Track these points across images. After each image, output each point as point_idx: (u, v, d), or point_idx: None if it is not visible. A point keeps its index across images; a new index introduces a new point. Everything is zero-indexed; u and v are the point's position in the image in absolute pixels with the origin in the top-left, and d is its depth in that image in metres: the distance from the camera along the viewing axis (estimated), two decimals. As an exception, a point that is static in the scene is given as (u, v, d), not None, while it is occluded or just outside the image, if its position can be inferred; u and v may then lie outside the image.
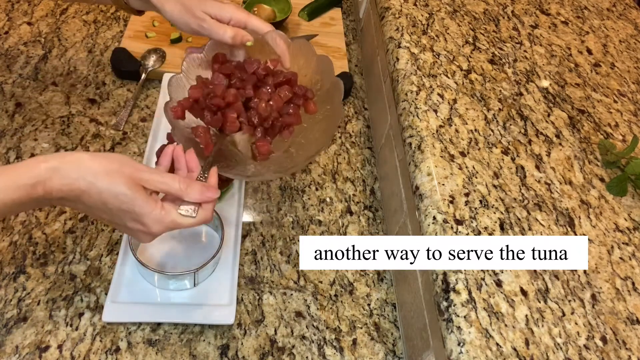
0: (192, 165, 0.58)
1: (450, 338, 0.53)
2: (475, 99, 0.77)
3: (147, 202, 0.51)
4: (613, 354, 0.53)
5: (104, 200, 0.50)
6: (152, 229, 0.53)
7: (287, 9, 1.08)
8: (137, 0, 0.72)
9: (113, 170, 0.50)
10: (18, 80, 0.91)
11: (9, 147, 0.81)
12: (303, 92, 0.70)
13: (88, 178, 0.49)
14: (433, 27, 0.88)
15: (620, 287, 0.59)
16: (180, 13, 0.67)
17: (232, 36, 0.67)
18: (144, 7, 0.73)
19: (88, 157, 0.50)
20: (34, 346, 0.63)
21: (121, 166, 0.51)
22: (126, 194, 0.50)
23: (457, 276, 0.56)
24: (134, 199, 0.51)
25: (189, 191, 0.53)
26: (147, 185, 0.52)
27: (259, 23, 0.69)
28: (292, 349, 0.68)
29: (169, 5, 0.67)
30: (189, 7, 0.67)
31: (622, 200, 0.69)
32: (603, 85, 0.85)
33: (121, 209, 0.51)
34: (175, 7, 0.67)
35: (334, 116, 0.71)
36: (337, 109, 0.71)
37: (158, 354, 0.65)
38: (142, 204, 0.51)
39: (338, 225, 0.82)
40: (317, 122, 0.72)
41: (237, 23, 0.69)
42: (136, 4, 0.72)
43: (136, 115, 0.90)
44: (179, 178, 0.54)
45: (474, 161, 0.68)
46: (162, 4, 0.67)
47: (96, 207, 0.51)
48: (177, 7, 0.67)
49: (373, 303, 0.74)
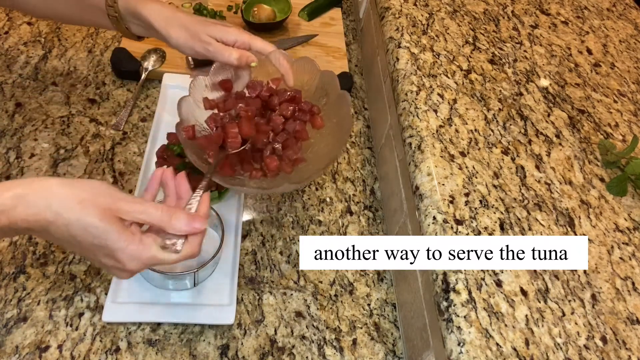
0: (182, 190, 0.55)
1: (450, 338, 0.53)
2: (475, 99, 0.77)
3: (121, 236, 0.47)
4: (613, 354, 0.53)
5: (72, 233, 0.46)
6: (128, 265, 0.48)
7: (287, 9, 1.08)
8: (139, 27, 0.71)
9: (84, 200, 0.46)
10: (18, 80, 0.91)
11: (9, 147, 0.81)
12: (309, 108, 0.71)
13: (54, 207, 0.45)
14: (433, 27, 0.88)
15: (620, 287, 0.59)
16: (185, 39, 0.67)
17: (238, 58, 0.67)
18: (147, 33, 0.72)
19: (57, 183, 0.46)
20: (34, 346, 0.63)
21: (95, 195, 0.46)
22: (97, 226, 0.46)
23: (457, 276, 0.56)
24: (106, 232, 0.46)
25: (173, 222, 0.49)
26: (126, 216, 0.48)
27: (263, 44, 0.70)
28: (292, 349, 0.68)
29: (174, 32, 0.67)
30: (195, 32, 0.67)
31: (622, 200, 0.69)
32: (603, 85, 0.85)
33: (92, 243, 0.47)
34: (180, 33, 0.67)
35: (342, 129, 0.71)
36: (346, 121, 0.71)
37: (158, 354, 0.65)
38: (115, 238, 0.47)
39: (338, 225, 0.82)
40: (325, 136, 0.72)
41: (241, 45, 0.69)
42: (138, 30, 0.72)
43: (136, 115, 0.90)
44: (162, 207, 0.50)
45: (474, 161, 0.68)
46: (167, 31, 0.67)
47: (65, 240, 0.47)
48: (182, 34, 0.67)
49: (373, 303, 0.74)
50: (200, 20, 0.68)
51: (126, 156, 0.84)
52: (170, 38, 0.68)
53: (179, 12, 0.68)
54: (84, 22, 0.87)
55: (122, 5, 0.68)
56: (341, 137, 0.70)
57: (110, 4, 0.68)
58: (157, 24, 0.67)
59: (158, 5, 0.68)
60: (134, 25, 0.71)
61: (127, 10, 0.69)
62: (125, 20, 0.70)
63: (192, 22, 0.68)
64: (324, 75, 0.74)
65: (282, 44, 1.06)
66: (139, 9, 0.68)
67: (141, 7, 0.68)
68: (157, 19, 0.67)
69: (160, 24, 0.67)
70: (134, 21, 0.70)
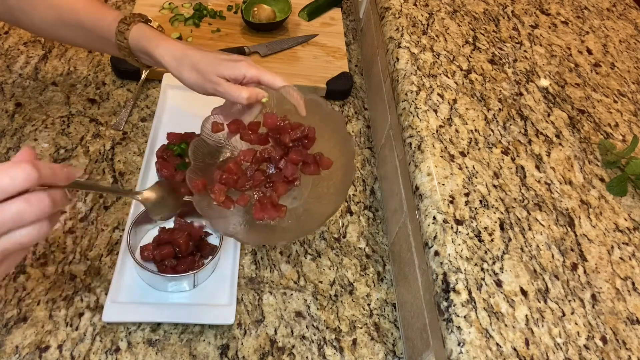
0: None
1: (450, 338, 0.53)
2: (475, 99, 0.77)
3: None
4: (613, 354, 0.53)
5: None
6: None
7: (287, 9, 1.08)
8: (149, 61, 0.72)
9: None
10: (18, 80, 0.91)
11: (9, 147, 0.81)
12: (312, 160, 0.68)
13: None
14: (433, 27, 0.88)
15: (620, 287, 0.59)
16: (196, 80, 0.68)
17: (248, 97, 0.67)
18: (156, 66, 0.73)
19: None
20: (34, 346, 0.63)
21: None
22: None
23: (457, 276, 0.56)
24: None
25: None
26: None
27: (271, 78, 0.69)
28: (292, 349, 0.68)
29: (186, 74, 0.68)
30: (204, 73, 0.67)
31: (622, 200, 0.69)
32: (603, 85, 0.85)
33: None
34: (191, 74, 0.67)
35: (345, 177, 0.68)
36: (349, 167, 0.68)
37: (158, 354, 0.65)
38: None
39: (338, 225, 0.82)
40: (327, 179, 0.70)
41: (250, 80, 0.69)
42: (148, 62, 0.73)
43: (136, 115, 0.90)
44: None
45: (474, 161, 0.68)
46: (179, 72, 0.68)
47: None
48: (193, 75, 0.67)
49: (373, 303, 0.74)
50: (210, 59, 0.68)
51: (126, 156, 0.84)
52: (182, 80, 0.69)
53: (188, 51, 0.68)
54: (92, 49, 0.87)
55: (132, 43, 0.69)
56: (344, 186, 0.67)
57: (121, 39, 0.69)
58: (168, 65, 0.68)
59: (168, 45, 0.68)
60: (143, 59, 0.72)
61: (137, 48, 0.69)
62: (135, 54, 0.71)
63: (201, 61, 0.67)
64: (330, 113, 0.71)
65: (282, 44, 1.06)
66: (150, 49, 0.68)
67: (152, 48, 0.68)
68: (168, 60, 0.68)
69: (171, 65, 0.68)
70: (144, 57, 0.71)
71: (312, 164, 0.68)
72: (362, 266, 0.78)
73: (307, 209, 0.68)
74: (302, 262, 0.76)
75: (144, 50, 0.69)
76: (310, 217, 0.66)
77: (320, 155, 0.68)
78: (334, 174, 0.69)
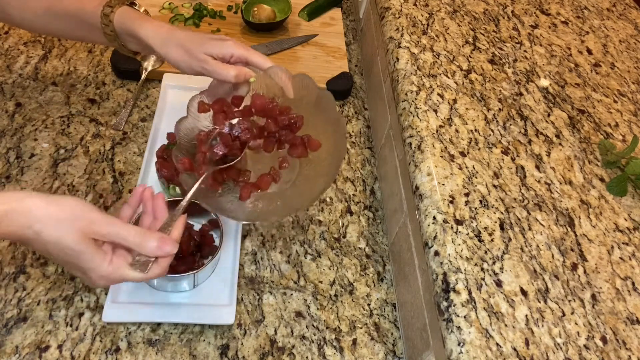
0: (158, 212, 0.57)
1: (450, 338, 0.53)
2: (475, 99, 0.77)
3: (94, 257, 0.50)
4: (613, 354, 0.53)
5: (49, 251, 0.50)
6: (96, 282, 0.52)
7: (287, 9, 1.08)
8: (135, 45, 0.72)
9: (63, 220, 0.49)
10: (18, 80, 0.91)
11: (9, 147, 0.81)
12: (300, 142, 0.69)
13: (35, 228, 0.48)
14: (433, 27, 0.88)
15: (620, 287, 0.59)
16: (183, 57, 0.68)
17: (235, 75, 0.67)
18: (144, 51, 0.74)
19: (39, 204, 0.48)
20: (34, 346, 0.63)
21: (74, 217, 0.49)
22: (73, 248, 0.49)
23: (457, 276, 0.56)
24: (80, 253, 0.49)
25: (144, 245, 0.52)
26: (100, 238, 0.51)
27: (260, 59, 0.70)
28: (292, 349, 0.68)
29: (171, 52, 0.68)
30: (191, 51, 0.67)
31: (622, 200, 0.69)
32: (603, 85, 0.85)
33: (66, 261, 0.50)
34: (178, 52, 0.68)
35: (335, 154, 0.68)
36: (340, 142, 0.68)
37: (158, 354, 0.65)
38: (88, 259, 0.50)
39: (338, 225, 0.82)
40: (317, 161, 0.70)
41: (238, 59, 0.69)
42: (134, 47, 0.73)
43: (136, 115, 0.90)
44: (135, 229, 0.52)
45: (474, 161, 0.68)
46: (165, 51, 0.68)
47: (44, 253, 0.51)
48: (179, 52, 0.68)
49: (373, 303, 0.74)
50: (197, 37, 0.68)
51: (126, 156, 0.84)
52: (168, 58, 0.68)
53: (174, 31, 0.68)
54: (80, 39, 0.87)
55: (117, 25, 0.69)
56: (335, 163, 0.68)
57: (106, 22, 0.69)
58: (154, 44, 0.68)
59: (154, 25, 0.68)
60: (130, 43, 0.72)
61: (122, 30, 0.69)
62: (121, 38, 0.71)
63: (188, 40, 0.68)
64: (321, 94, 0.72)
65: (282, 44, 1.06)
66: (135, 29, 0.68)
67: (137, 28, 0.68)
68: (154, 39, 0.68)
69: (157, 44, 0.68)
70: (130, 39, 0.71)
71: (300, 145, 0.69)
72: (362, 266, 0.78)
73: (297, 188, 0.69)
74: (302, 262, 0.76)
75: (129, 32, 0.69)
76: (299, 196, 0.68)
77: (308, 137, 0.69)
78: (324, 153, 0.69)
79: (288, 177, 0.71)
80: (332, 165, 0.67)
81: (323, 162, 0.69)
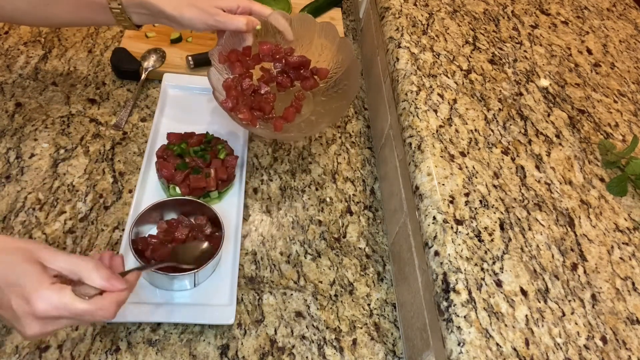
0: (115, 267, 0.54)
1: (450, 338, 0.53)
2: (475, 99, 0.77)
3: (39, 277, 0.46)
4: (613, 354, 0.53)
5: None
6: (36, 306, 0.46)
7: (287, 9, 1.08)
8: (143, 16, 0.74)
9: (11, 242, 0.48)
10: (18, 80, 0.91)
11: (9, 147, 0.81)
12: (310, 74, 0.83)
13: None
14: (433, 27, 0.88)
15: (620, 287, 0.59)
16: (197, 15, 0.72)
17: (246, 23, 0.74)
18: (151, 21, 0.76)
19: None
20: (34, 346, 0.63)
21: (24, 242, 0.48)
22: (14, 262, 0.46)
23: (457, 276, 0.56)
24: (25, 270, 0.46)
25: (92, 273, 0.48)
26: (48, 264, 0.48)
27: (261, 7, 0.78)
28: (292, 349, 0.68)
29: (186, 12, 0.72)
30: (202, 7, 0.72)
31: (622, 200, 0.69)
32: (603, 85, 0.85)
33: (7, 280, 0.46)
34: (191, 11, 0.72)
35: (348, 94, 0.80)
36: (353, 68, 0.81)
37: (158, 354, 0.65)
38: (31, 277, 0.46)
39: (338, 225, 0.82)
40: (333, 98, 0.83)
41: (243, 10, 0.76)
42: (140, 19, 0.75)
43: (136, 115, 0.90)
44: (87, 258, 0.50)
45: (474, 161, 0.68)
46: (179, 12, 0.71)
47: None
48: (193, 11, 0.72)
49: (373, 303, 0.74)
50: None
51: (126, 156, 0.84)
52: (183, 18, 0.72)
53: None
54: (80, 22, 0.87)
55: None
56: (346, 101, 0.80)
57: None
58: (166, 7, 0.71)
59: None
60: (136, 15, 0.74)
61: (131, 1, 0.72)
62: (127, 11, 0.73)
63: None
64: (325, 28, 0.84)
65: (282, 43, 1.06)
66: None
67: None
68: (166, 3, 0.71)
69: (169, 6, 0.71)
70: (138, 10, 0.73)
71: (311, 78, 0.82)
72: (362, 266, 0.78)
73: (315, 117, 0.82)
74: (302, 262, 0.76)
75: (137, 1, 0.71)
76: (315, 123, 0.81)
77: (316, 69, 0.82)
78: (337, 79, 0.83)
79: (307, 110, 0.83)
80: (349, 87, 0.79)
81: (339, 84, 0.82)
